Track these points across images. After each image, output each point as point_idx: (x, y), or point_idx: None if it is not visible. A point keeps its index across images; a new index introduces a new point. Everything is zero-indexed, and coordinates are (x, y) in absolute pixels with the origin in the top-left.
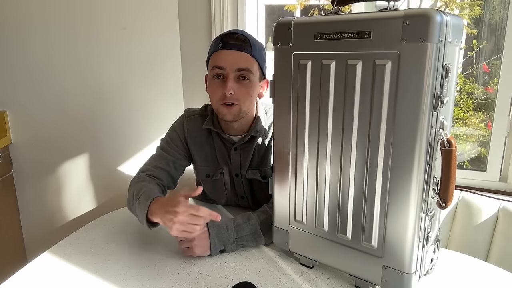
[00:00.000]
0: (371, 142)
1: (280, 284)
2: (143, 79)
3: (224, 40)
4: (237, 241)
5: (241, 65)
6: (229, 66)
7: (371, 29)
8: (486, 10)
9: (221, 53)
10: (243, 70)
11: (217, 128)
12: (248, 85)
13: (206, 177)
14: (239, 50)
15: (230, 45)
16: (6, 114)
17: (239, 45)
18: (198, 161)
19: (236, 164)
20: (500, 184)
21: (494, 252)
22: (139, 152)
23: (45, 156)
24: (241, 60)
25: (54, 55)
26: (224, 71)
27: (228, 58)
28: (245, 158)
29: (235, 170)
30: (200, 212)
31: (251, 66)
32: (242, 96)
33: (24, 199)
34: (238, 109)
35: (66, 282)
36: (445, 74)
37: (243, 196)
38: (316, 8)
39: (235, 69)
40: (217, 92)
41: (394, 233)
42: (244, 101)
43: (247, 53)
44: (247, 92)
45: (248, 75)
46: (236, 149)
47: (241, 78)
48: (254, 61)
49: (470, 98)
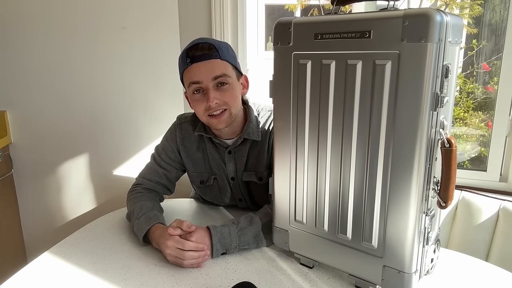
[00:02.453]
0: (371, 142)
1: (280, 284)
2: (143, 79)
3: (189, 54)
4: (239, 245)
5: (215, 73)
6: (204, 78)
7: (371, 29)
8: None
9: (191, 68)
10: (219, 77)
11: (209, 133)
12: (229, 88)
13: (200, 184)
14: (208, 59)
15: (198, 57)
16: (6, 114)
17: (206, 54)
18: (191, 168)
19: (231, 168)
20: (500, 184)
21: (494, 252)
22: (139, 152)
23: (45, 156)
24: (214, 68)
25: (54, 55)
26: (201, 84)
27: (201, 70)
28: (240, 161)
29: (231, 174)
30: (185, 247)
31: (225, 70)
32: (228, 100)
33: (24, 199)
34: (228, 114)
35: (66, 282)
36: (445, 74)
37: (241, 198)
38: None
39: (211, 78)
40: (201, 105)
41: (394, 233)
42: (231, 104)
43: (216, 59)
44: (230, 95)
45: (225, 79)
46: (230, 153)
47: (220, 84)
48: (226, 63)
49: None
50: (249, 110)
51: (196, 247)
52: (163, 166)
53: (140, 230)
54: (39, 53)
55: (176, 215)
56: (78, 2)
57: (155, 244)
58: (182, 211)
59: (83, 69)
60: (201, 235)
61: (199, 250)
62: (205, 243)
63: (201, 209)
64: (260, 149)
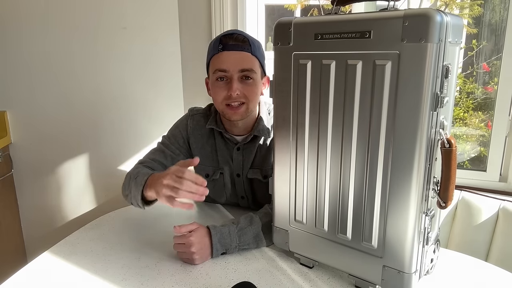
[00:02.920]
0: (371, 142)
1: (280, 284)
2: (143, 79)
3: (223, 41)
4: (239, 245)
5: (244, 65)
6: (232, 68)
7: (371, 29)
8: (486, 10)
9: (221, 55)
10: (246, 70)
11: (220, 127)
12: (252, 84)
13: (205, 177)
14: (240, 50)
15: (230, 46)
16: (6, 114)
17: (239, 45)
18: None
19: (238, 164)
20: (500, 184)
21: (494, 252)
22: (139, 152)
23: (45, 156)
24: (244, 60)
25: (54, 55)
26: (227, 73)
27: (230, 59)
28: (248, 158)
29: (237, 170)
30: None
31: (253, 66)
32: (249, 95)
33: (24, 199)
34: (245, 108)
35: (66, 282)
36: (445, 74)
37: (244, 196)
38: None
39: (238, 70)
40: (221, 94)
41: (394, 233)
42: (251, 100)
43: (248, 52)
44: (252, 91)
45: (251, 74)
46: (239, 149)
47: (244, 78)
48: (255, 59)
49: (470, 98)
50: (261, 108)
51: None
52: (171, 149)
53: (137, 185)
54: (39, 53)
55: (176, 215)
56: (78, 2)
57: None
58: (182, 211)
59: (83, 69)
60: (200, 234)
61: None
62: (204, 242)
63: (201, 209)
64: (268, 148)
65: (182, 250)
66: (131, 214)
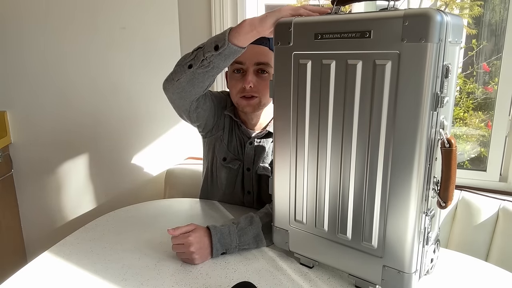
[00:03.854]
0: (371, 142)
1: (280, 284)
2: (143, 79)
3: None
4: (239, 245)
5: (260, 59)
6: (248, 61)
7: (371, 29)
8: (486, 10)
9: None
10: (262, 64)
11: (237, 117)
12: (267, 78)
13: (223, 160)
14: (258, 44)
15: None
16: (6, 114)
17: (259, 39)
18: (224, 139)
19: (249, 159)
20: (500, 184)
21: (494, 252)
22: (139, 152)
23: (44, 156)
24: (260, 54)
25: (54, 55)
26: (243, 65)
27: (247, 52)
28: (259, 154)
29: (247, 164)
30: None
31: (269, 60)
32: (262, 89)
33: (24, 199)
34: (258, 101)
35: (66, 282)
36: (445, 74)
37: (250, 191)
38: None
39: (254, 62)
40: (237, 86)
41: (394, 233)
42: (264, 94)
43: (266, 46)
44: (266, 85)
45: (267, 68)
46: (251, 143)
47: (260, 71)
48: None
49: (470, 98)
50: None
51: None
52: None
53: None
54: (39, 53)
55: (176, 215)
56: (78, 2)
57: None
58: (182, 211)
59: (83, 69)
60: (199, 234)
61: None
62: (204, 242)
63: (201, 209)
64: None
65: (181, 251)
66: (131, 214)
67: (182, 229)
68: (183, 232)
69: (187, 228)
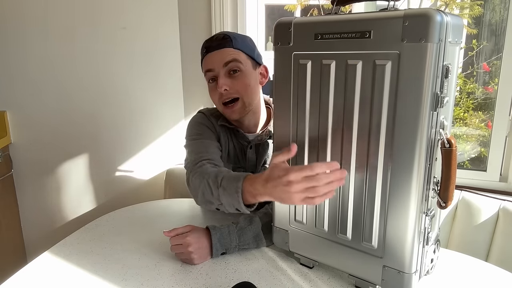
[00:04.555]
0: (371, 142)
1: (280, 284)
2: (143, 79)
3: (206, 45)
4: (239, 245)
5: (226, 58)
6: (216, 65)
7: (371, 29)
8: (486, 10)
9: (206, 57)
10: (229, 62)
11: (232, 124)
12: (240, 76)
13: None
14: (221, 48)
15: (212, 47)
16: (6, 114)
17: (219, 43)
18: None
19: (252, 163)
20: (500, 184)
21: (494, 252)
22: (139, 152)
23: (45, 156)
24: (225, 54)
25: (54, 55)
26: (214, 72)
27: (213, 58)
28: (261, 157)
29: (250, 168)
30: (314, 170)
31: (237, 56)
32: (240, 88)
33: (24, 199)
34: (241, 103)
35: (66, 282)
36: (445, 74)
37: None
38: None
39: (222, 65)
40: (215, 94)
41: (394, 233)
42: (244, 93)
43: (229, 47)
44: (242, 83)
45: (237, 66)
46: (251, 148)
47: (231, 72)
48: (239, 51)
49: (470, 98)
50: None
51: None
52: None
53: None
54: (39, 53)
55: (176, 215)
56: (78, 2)
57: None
58: (182, 211)
59: (83, 70)
60: (197, 234)
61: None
62: (202, 242)
63: (201, 209)
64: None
65: (180, 251)
66: (131, 214)
67: (178, 230)
68: (179, 233)
69: (183, 229)
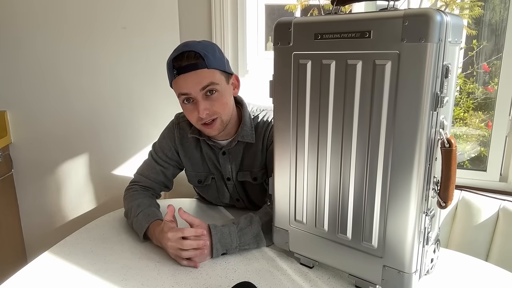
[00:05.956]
0: (371, 142)
1: (280, 284)
2: (143, 79)
3: (176, 66)
4: (239, 246)
5: (203, 83)
6: (192, 90)
7: (371, 29)
8: (486, 10)
9: (179, 79)
10: (207, 86)
11: (203, 135)
12: (218, 96)
13: (198, 183)
14: (195, 70)
15: (184, 68)
16: (6, 114)
17: (192, 64)
18: (189, 168)
19: (226, 168)
20: (500, 184)
21: (494, 252)
22: (138, 152)
23: (45, 156)
24: (201, 78)
25: (54, 55)
26: (190, 95)
27: (188, 82)
28: (235, 161)
29: (226, 174)
30: (184, 233)
31: (213, 78)
32: (218, 108)
33: (24, 199)
34: (220, 122)
35: (66, 282)
36: (445, 74)
37: (239, 198)
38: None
39: (199, 89)
40: (193, 115)
41: (394, 233)
42: (222, 112)
43: (203, 68)
44: (220, 103)
45: (214, 87)
46: (224, 153)
47: (209, 93)
48: (214, 71)
49: (470, 98)
50: (244, 111)
51: (195, 232)
52: (161, 163)
53: (140, 228)
54: (38, 53)
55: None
56: (78, 2)
57: (156, 241)
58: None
59: (83, 69)
60: (201, 229)
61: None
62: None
63: (201, 209)
64: (255, 150)
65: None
66: None
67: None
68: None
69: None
